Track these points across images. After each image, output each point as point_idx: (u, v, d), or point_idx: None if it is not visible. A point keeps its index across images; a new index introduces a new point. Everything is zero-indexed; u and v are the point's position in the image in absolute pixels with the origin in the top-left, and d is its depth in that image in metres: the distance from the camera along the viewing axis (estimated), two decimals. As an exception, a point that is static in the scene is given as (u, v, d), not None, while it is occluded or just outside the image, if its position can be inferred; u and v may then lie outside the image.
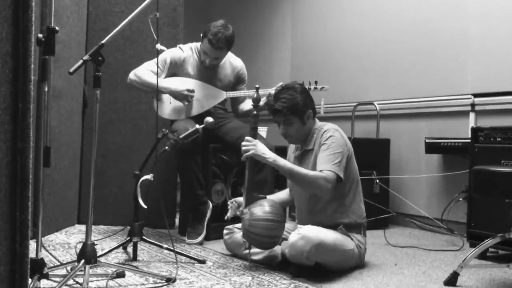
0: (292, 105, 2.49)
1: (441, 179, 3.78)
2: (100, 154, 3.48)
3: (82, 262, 2.00)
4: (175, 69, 3.27)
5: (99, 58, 2.05)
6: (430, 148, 3.61)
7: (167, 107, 3.24)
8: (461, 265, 2.25)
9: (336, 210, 2.53)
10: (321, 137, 2.51)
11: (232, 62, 3.41)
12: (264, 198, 2.57)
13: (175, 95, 3.15)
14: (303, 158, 2.59)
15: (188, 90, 3.12)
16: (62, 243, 2.96)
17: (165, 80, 3.20)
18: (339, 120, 4.27)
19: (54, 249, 2.77)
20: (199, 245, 3.04)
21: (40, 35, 1.79)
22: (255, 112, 2.61)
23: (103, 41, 2.08)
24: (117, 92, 3.63)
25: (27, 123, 1.31)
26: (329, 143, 2.46)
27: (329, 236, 2.35)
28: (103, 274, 2.21)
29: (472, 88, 3.57)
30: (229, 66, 3.39)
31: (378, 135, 4.14)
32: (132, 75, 3.21)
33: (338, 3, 4.76)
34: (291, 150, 2.76)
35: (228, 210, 2.69)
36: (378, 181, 3.76)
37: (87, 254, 2.01)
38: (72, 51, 3.34)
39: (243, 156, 2.51)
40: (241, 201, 2.63)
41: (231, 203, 2.70)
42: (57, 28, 1.82)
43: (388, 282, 2.31)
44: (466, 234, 3.03)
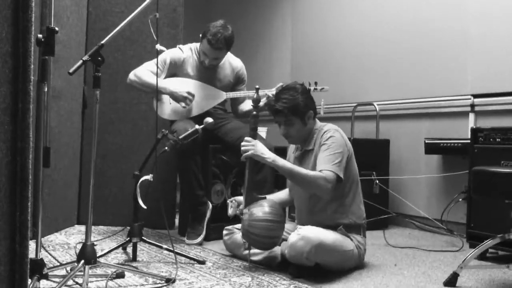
0: (293, 106, 2.49)
1: (441, 180, 3.78)
2: (100, 155, 3.48)
3: (82, 263, 2.00)
4: (175, 70, 3.26)
5: (99, 59, 2.05)
6: (430, 149, 3.60)
7: (167, 108, 3.23)
8: (461, 266, 2.25)
9: (336, 211, 2.53)
10: (321, 138, 2.51)
11: (232, 63, 3.41)
12: (264, 199, 2.57)
13: (175, 96, 3.14)
14: (303, 159, 2.59)
15: (188, 93, 3.11)
16: (62, 244, 2.95)
17: (165, 81, 3.19)
18: (339, 121, 4.27)
19: (54, 250, 2.77)
20: (199, 246, 3.05)
21: (40, 35, 1.79)
22: (255, 113, 2.61)
23: (103, 41, 2.08)
24: (117, 93, 3.63)
25: (27, 123, 1.30)
26: (329, 143, 2.46)
27: (329, 237, 2.35)
28: (103, 275, 2.21)
29: (472, 89, 3.57)
30: (229, 67, 3.39)
31: (378, 136, 4.14)
32: (132, 76, 3.21)
33: (338, 3, 4.76)
34: (291, 150, 2.76)
35: (230, 209, 2.70)
36: (378, 182, 3.76)
37: (87, 255, 2.01)
38: (72, 52, 3.34)
39: (243, 156, 2.51)
40: (241, 200, 2.64)
41: (231, 202, 2.71)
42: (57, 28, 1.82)
43: (388, 283, 2.31)
44: (466, 235, 3.03)
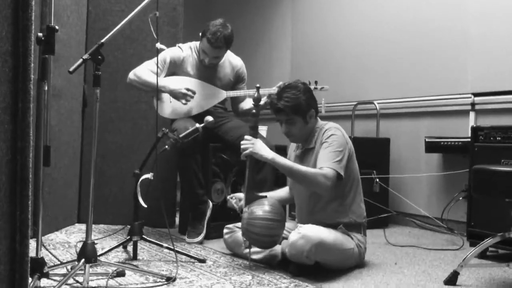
0: (295, 105, 2.48)
1: (441, 178, 3.78)
2: (100, 153, 3.47)
3: (82, 261, 2.00)
4: (175, 69, 3.26)
5: (99, 57, 2.05)
6: (430, 147, 3.60)
7: (167, 106, 3.23)
8: (461, 264, 2.25)
9: (337, 210, 2.52)
10: (323, 136, 2.50)
11: (232, 61, 3.41)
12: (265, 197, 2.57)
13: (175, 94, 3.14)
14: (304, 157, 2.59)
15: (188, 89, 3.12)
16: (62, 242, 2.96)
17: (165, 79, 3.19)
18: (339, 119, 4.26)
19: (54, 248, 2.77)
20: (199, 244, 3.05)
21: (40, 34, 1.79)
22: (255, 111, 2.61)
23: (103, 40, 2.08)
24: (117, 91, 3.63)
25: (27, 122, 1.30)
26: (331, 141, 2.45)
27: (329, 236, 2.35)
28: (103, 273, 2.21)
29: (472, 88, 3.56)
30: (229, 65, 3.39)
31: (378, 134, 4.14)
32: (132, 75, 3.21)
33: (338, 3, 4.76)
34: (292, 149, 2.76)
35: (230, 202, 2.72)
36: (378, 180, 3.76)
37: (87, 253, 2.01)
38: (72, 50, 3.34)
39: (242, 155, 2.51)
40: (241, 196, 2.65)
41: (231, 198, 2.72)
42: (57, 27, 1.82)
43: (388, 281, 2.31)
44: (466, 233, 3.03)
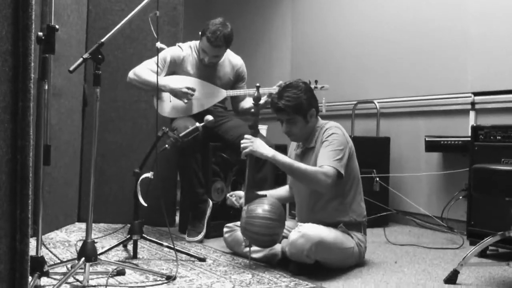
0: (296, 104, 2.48)
1: (441, 177, 3.78)
2: (100, 152, 3.47)
3: (82, 260, 2.00)
4: (175, 68, 3.26)
5: (99, 57, 2.06)
6: (430, 147, 3.60)
7: (167, 106, 3.23)
8: (461, 263, 2.25)
9: (337, 209, 2.53)
10: (323, 135, 2.50)
11: (232, 60, 3.41)
12: (265, 196, 2.57)
13: (175, 93, 3.14)
14: (304, 156, 2.59)
15: (188, 88, 3.12)
16: (62, 241, 2.96)
17: (165, 78, 3.19)
18: (339, 119, 4.25)
19: (55, 247, 2.77)
20: (199, 243, 3.05)
21: (40, 34, 1.79)
22: (255, 111, 2.61)
23: (103, 40, 2.08)
24: (117, 91, 3.63)
25: (27, 122, 1.31)
26: (331, 140, 2.45)
27: (330, 235, 2.35)
28: (103, 272, 2.21)
29: (472, 87, 3.56)
30: (229, 64, 3.39)
31: (378, 134, 4.14)
32: (132, 74, 3.21)
33: (338, 3, 4.75)
34: (292, 148, 2.76)
35: (230, 200, 2.73)
36: (378, 179, 3.76)
37: (87, 252, 2.01)
38: (72, 50, 3.34)
39: (242, 153, 2.51)
40: (241, 194, 2.65)
41: (231, 196, 2.73)
42: (57, 27, 1.82)
43: (388, 280, 2.31)
44: (466, 232, 3.04)
